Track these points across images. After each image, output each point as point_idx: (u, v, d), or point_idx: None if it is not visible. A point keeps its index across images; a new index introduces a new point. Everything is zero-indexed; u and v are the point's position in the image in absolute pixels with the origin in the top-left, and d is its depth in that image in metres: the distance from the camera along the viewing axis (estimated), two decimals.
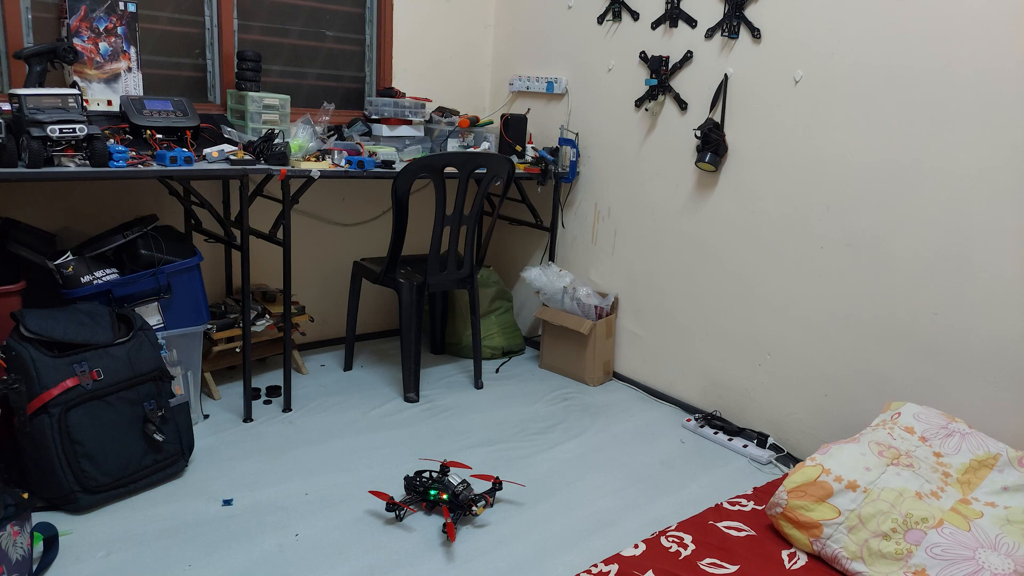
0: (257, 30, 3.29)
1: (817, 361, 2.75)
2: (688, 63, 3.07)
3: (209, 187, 3.20)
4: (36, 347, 2.15)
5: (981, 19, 2.22)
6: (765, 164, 2.84)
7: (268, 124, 2.97)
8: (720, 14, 2.92)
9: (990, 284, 2.27)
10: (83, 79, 2.69)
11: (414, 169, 2.90)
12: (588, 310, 3.42)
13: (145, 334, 2.39)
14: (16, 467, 2.22)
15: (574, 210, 3.68)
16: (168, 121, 2.66)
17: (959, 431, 2.14)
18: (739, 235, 2.96)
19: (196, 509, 2.27)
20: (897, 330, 2.50)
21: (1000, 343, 2.26)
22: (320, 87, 3.54)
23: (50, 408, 2.13)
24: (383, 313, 3.96)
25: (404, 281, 3.08)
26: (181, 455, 2.43)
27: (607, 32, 3.40)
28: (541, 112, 3.76)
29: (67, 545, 2.05)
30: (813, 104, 2.66)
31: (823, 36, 2.61)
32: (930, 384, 2.43)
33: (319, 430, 2.84)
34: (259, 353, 3.25)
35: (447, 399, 3.20)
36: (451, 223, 3.06)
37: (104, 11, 2.70)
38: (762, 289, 2.90)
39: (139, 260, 2.59)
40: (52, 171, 2.24)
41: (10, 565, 1.79)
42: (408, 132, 3.41)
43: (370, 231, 3.77)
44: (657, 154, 3.25)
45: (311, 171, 2.76)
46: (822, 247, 2.69)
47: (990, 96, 2.22)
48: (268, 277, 3.45)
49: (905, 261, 2.47)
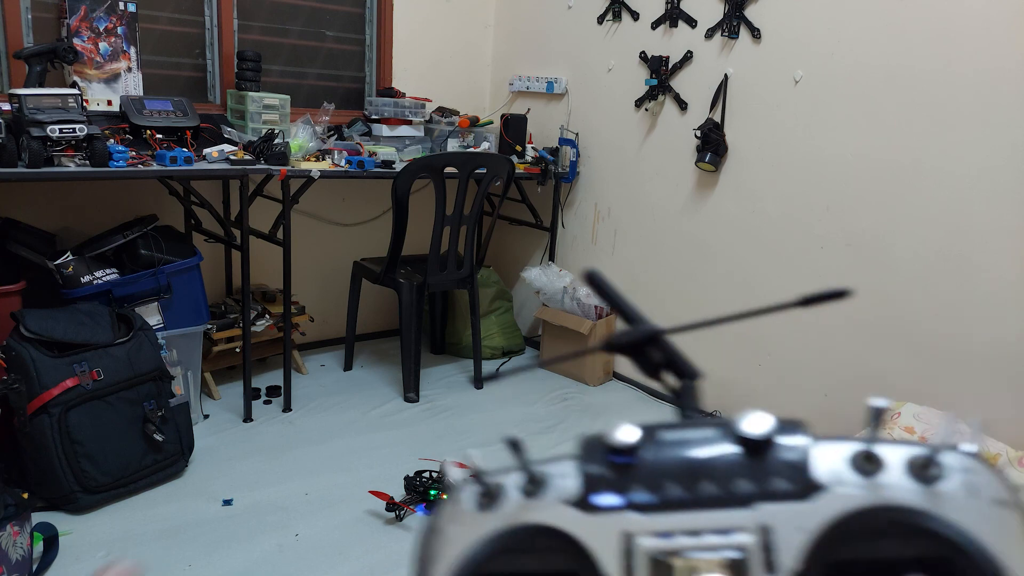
0: (257, 30, 3.28)
1: (817, 361, 2.75)
2: (688, 63, 3.07)
3: (209, 187, 3.20)
4: (36, 347, 2.15)
5: (981, 19, 2.22)
6: (765, 164, 2.84)
7: (268, 124, 2.97)
8: (720, 14, 2.92)
9: (990, 284, 2.27)
10: (83, 79, 2.69)
11: (414, 169, 2.89)
12: (588, 310, 3.42)
13: (145, 334, 2.39)
14: (16, 467, 2.22)
15: (574, 210, 3.68)
16: (168, 121, 2.66)
17: (959, 431, 2.14)
18: (739, 235, 2.96)
19: (196, 509, 2.27)
20: (897, 330, 2.50)
21: (1000, 343, 2.26)
22: (320, 87, 3.54)
23: (50, 408, 2.13)
24: (383, 313, 3.96)
25: (404, 281, 3.08)
26: (181, 455, 2.43)
27: (607, 32, 3.40)
28: (541, 112, 3.76)
29: (67, 545, 2.05)
30: (813, 104, 2.66)
31: (823, 36, 2.61)
32: (930, 384, 2.43)
33: (319, 430, 2.84)
34: (259, 353, 3.25)
35: (447, 399, 3.20)
36: (451, 223, 3.06)
37: (104, 11, 2.70)
38: (762, 289, 2.90)
39: (139, 260, 2.59)
40: (52, 171, 2.24)
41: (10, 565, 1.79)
42: (408, 132, 3.41)
43: (370, 231, 3.77)
44: (657, 154, 3.25)
45: (311, 171, 2.76)
46: (822, 247, 2.69)
47: (990, 96, 2.22)
48: (268, 277, 3.45)
49: (905, 261, 2.47)
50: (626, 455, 0.29)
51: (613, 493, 0.29)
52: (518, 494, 0.30)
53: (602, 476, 0.29)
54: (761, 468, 0.28)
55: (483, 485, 0.30)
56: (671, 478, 0.28)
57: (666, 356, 0.41)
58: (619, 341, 0.39)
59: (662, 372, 0.42)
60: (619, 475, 0.29)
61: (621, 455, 0.29)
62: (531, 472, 0.30)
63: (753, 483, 0.28)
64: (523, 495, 0.30)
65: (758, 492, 0.27)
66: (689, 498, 0.28)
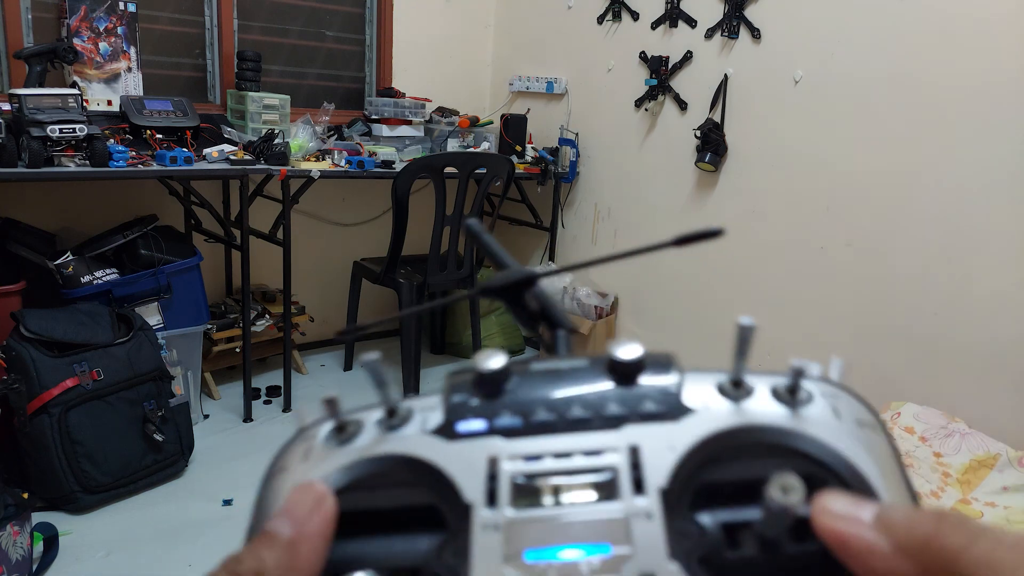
0: (257, 30, 3.28)
1: (817, 361, 2.74)
2: (688, 63, 3.07)
3: (209, 187, 3.20)
4: (36, 347, 2.15)
5: (981, 20, 2.22)
6: (765, 164, 2.84)
7: (268, 124, 2.97)
8: (720, 14, 2.92)
9: (990, 284, 2.27)
10: (83, 79, 2.69)
11: (414, 169, 2.89)
12: (588, 310, 3.42)
13: (145, 334, 2.39)
14: (16, 467, 2.22)
15: (574, 210, 3.68)
16: (168, 121, 2.66)
17: (959, 431, 2.14)
18: (739, 235, 2.96)
19: (196, 509, 2.27)
20: (897, 330, 2.50)
21: (1000, 343, 2.26)
22: (320, 87, 3.54)
23: (50, 408, 2.13)
24: (383, 313, 3.96)
25: (404, 281, 3.08)
26: (181, 455, 2.43)
27: (607, 32, 3.40)
28: (541, 112, 3.76)
29: (67, 545, 2.05)
30: (813, 104, 2.66)
31: (823, 36, 2.61)
32: (930, 384, 2.43)
33: None
34: (259, 353, 3.25)
35: None
36: (451, 223, 3.06)
37: (104, 11, 2.70)
38: (762, 289, 2.90)
39: (139, 260, 2.59)
40: (52, 171, 2.24)
41: (10, 565, 1.79)
42: (408, 132, 3.41)
43: (370, 231, 3.77)
44: (657, 154, 3.25)
45: (311, 171, 2.76)
46: (822, 247, 2.69)
47: (990, 96, 2.22)
48: (268, 277, 3.45)
49: (905, 261, 2.46)
50: (493, 383, 0.28)
51: (478, 419, 0.27)
52: (377, 428, 0.28)
53: (466, 404, 0.28)
54: (631, 393, 0.28)
55: (337, 420, 0.29)
56: (539, 404, 0.28)
57: (540, 304, 0.39)
58: (492, 284, 0.38)
59: (539, 324, 0.40)
60: (485, 402, 0.28)
61: (488, 383, 0.28)
62: (392, 405, 0.28)
63: (623, 406, 0.27)
64: (382, 429, 0.28)
65: (628, 414, 0.27)
66: (557, 421, 0.27)
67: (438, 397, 0.29)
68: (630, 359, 0.29)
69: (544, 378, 0.29)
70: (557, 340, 0.39)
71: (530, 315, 0.40)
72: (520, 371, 0.29)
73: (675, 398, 0.28)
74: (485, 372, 0.28)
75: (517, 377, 0.29)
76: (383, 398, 0.29)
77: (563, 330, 0.39)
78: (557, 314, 0.40)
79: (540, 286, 0.39)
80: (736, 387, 0.29)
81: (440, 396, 0.29)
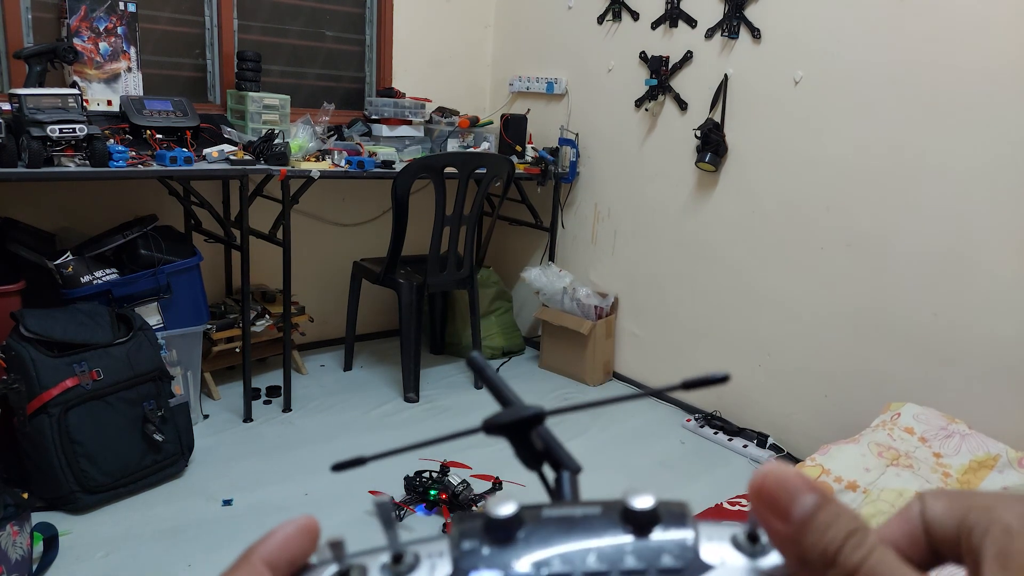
0: (257, 30, 3.28)
1: (817, 361, 2.75)
2: (688, 63, 3.07)
3: (209, 187, 3.20)
4: (36, 347, 2.15)
5: (981, 18, 2.22)
6: (765, 164, 2.84)
7: (268, 124, 2.97)
8: (720, 14, 2.92)
9: (990, 284, 2.27)
10: (83, 79, 2.69)
11: (414, 169, 2.89)
12: (588, 310, 3.42)
13: (145, 334, 2.39)
14: (16, 467, 2.22)
15: (574, 210, 3.68)
16: (168, 121, 2.66)
17: (959, 432, 2.14)
18: (739, 235, 2.96)
19: (196, 509, 2.27)
20: (897, 330, 2.50)
21: (1000, 343, 2.26)
22: (320, 87, 3.54)
23: (50, 408, 2.13)
24: (383, 313, 3.96)
25: (404, 281, 3.08)
26: (181, 455, 2.43)
27: (607, 32, 3.40)
28: (541, 112, 3.76)
29: (67, 545, 2.05)
30: (813, 104, 2.66)
31: (823, 36, 2.61)
32: (930, 384, 2.43)
33: (319, 430, 2.84)
34: (259, 353, 3.25)
35: (447, 399, 3.20)
36: (451, 223, 3.05)
37: (104, 11, 2.70)
38: (762, 289, 2.90)
39: (139, 260, 2.59)
40: (52, 171, 2.24)
41: (10, 565, 1.79)
42: (408, 132, 3.41)
43: (370, 231, 3.77)
44: (657, 154, 3.25)
45: (311, 171, 2.76)
46: (822, 247, 2.69)
47: (990, 96, 2.22)
48: (268, 277, 3.45)
49: (905, 261, 2.47)
50: (505, 529, 0.27)
51: (490, 569, 0.26)
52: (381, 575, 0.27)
53: (477, 552, 0.27)
54: (648, 546, 0.27)
55: (341, 566, 0.28)
56: (555, 554, 0.27)
57: (546, 444, 0.38)
58: (499, 421, 0.37)
59: (543, 463, 0.39)
60: (496, 550, 0.27)
61: (499, 529, 0.27)
62: (398, 551, 0.27)
63: (641, 560, 0.27)
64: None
65: (646, 568, 0.26)
66: (573, 573, 0.26)
67: (445, 542, 0.28)
68: (645, 508, 0.28)
69: (558, 526, 0.28)
70: (562, 483, 0.38)
71: (534, 454, 0.39)
72: (532, 517, 0.28)
73: (693, 552, 0.27)
74: (496, 518, 0.27)
75: (529, 524, 0.28)
76: (390, 541, 0.28)
77: (569, 472, 0.38)
78: (563, 455, 0.39)
79: (546, 426, 0.38)
80: (752, 542, 0.28)
81: (447, 541, 0.28)
